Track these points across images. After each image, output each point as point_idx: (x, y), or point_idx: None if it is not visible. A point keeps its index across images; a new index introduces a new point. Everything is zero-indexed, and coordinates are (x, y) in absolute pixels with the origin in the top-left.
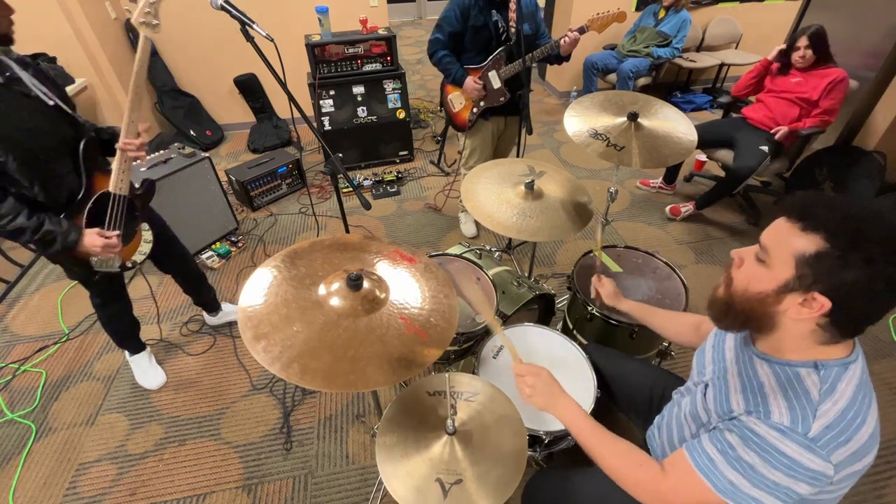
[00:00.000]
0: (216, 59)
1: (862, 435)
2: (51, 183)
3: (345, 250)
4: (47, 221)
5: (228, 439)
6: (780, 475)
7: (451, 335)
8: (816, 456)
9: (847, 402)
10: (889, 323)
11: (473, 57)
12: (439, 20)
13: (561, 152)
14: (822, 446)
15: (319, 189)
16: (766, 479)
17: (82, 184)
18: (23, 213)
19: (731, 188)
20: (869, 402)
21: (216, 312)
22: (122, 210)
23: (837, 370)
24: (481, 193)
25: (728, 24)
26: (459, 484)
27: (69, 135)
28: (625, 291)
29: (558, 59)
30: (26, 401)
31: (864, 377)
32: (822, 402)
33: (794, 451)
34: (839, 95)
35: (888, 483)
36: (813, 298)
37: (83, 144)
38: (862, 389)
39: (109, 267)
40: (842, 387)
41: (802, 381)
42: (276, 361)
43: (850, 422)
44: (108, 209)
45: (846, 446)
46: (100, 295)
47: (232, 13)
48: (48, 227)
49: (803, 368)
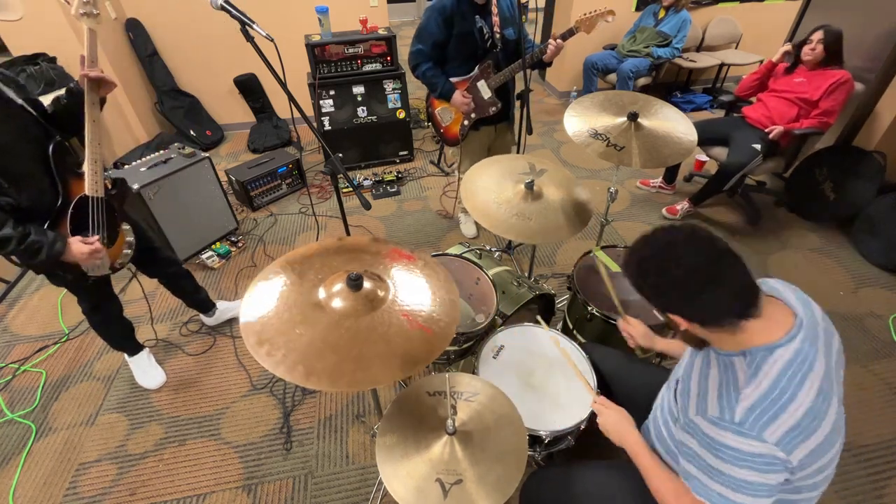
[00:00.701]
0: (216, 59)
1: (793, 410)
2: (28, 189)
3: (344, 251)
4: (33, 231)
5: (228, 439)
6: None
7: (454, 329)
8: (749, 438)
9: (770, 382)
10: (889, 323)
11: (459, 66)
12: (418, 30)
13: (561, 152)
14: (749, 427)
15: (319, 189)
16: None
17: (59, 190)
18: (8, 224)
19: (721, 184)
20: (801, 380)
21: (212, 312)
22: (103, 212)
23: (762, 354)
24: (481, 194)
25: (728, 24)
26: (459, 484)
27: (38, 136)
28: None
29: (542, 64)
30: (26, 401)
31: (797, 360)
32: (746, 386)
33: (731, 439)
34: (840, 97)
35: (888, 483)
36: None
37: (52, 148)
38: (791, 369)
39: (101, 270)
40: (766, 368)
41: (735, 368)
42: (280, 364)
43: (774, 400)
44: (88, 214)
45: (776, 423)
46: (88, 300)
47: (232, 13)
48: (34, 238)
49: (735, 357)
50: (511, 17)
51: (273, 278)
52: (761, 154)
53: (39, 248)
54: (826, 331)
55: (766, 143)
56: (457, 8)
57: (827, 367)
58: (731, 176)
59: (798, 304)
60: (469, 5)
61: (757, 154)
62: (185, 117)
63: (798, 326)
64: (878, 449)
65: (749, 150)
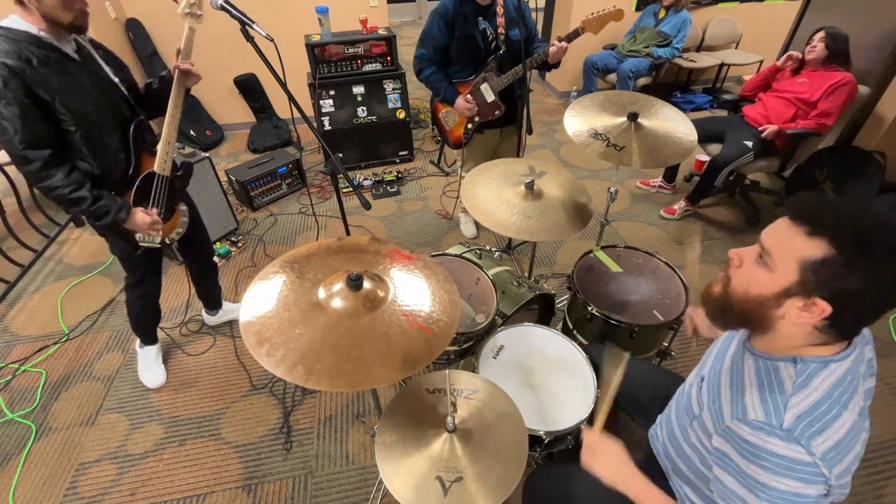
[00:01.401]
0: (216, 59)
1: (837, 427)
2: (105, 158)
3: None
4: (105, 196)
5: (228, 439)
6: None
7: (454, 330)
8: (798, 445)
9: (822, 395)
10: (889, 323)
11: (462, 69)
12: (422, 34)
13: (561, 152)
14: (798, 435)
15: (319, 189)
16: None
17: (131, 162)
18: (86, 185)
19: (711, 179)
20: (848, 399)
21: (216, 311)
22: (165, 190)
23: (815, 366)
24: (481, 193)
25: (728, 24)
26: (460, 482)
27: (124, 114)
28: (625, 291)
29: (548, 66)
30: (26, 401)
31: (847, 378)
32: (795, 393)
33: (779, 446)
34: (839, 99)
35: (888, 483)
36: (814, 304)
37: (133, 125)
38: (841, 387)
39: (151, 241)
40: (817, 382)
41: (779, 373)
42: (280, 364)
43: (823, 413)
44: (152, 189)
45: (822, 435)
46: (135, 272)
47: (232, 13)
48: (104, 202)
49: (781, 362)
50: (517, 17)
51: (273, 278)
52: (752, 152)
53: (107, 211)
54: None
55: (758, 142)
56: (459, 10)
57: (864, 387)
58: (720, 170)
59: None
60: (472, 7)
61: (747, 151)
62: (185, 117)
63: (854, 345)
64: (878, 449)
65: (741, 147)
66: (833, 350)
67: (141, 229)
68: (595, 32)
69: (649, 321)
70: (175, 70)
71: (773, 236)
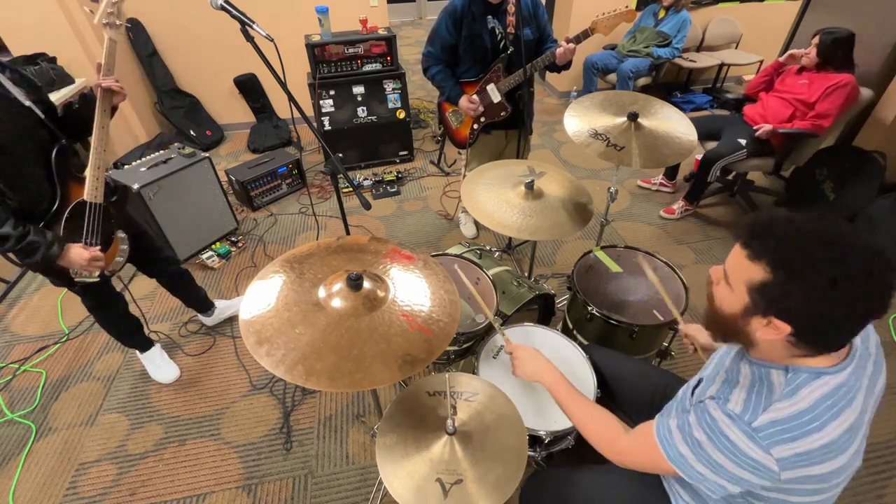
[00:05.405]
0: (216, 59)
1: (814, 440)
2: (25, 190)
3: (343, 251)
4: (32, 231)
5: (228, 439)
6: (722, 458)
7: (454, 330)
8: (756, 445)
9: (805, 406)
10: (889, 323)
11: (470, 68)
12: (431, 31)
13: (561, 152)
14: (763, 437)
15: (319, 189)
16: (710, 457)
17: (57, 192)
18: (8, 221)
19: (705, 174)
20: (836, 413)
21: (210, 312)
22: (98, 219)
23: (806, 377)
24: (482, 193)
25: (728, 24)
26: (460, 484)
27: (44, 139)
28: (625, 291)
29: (556, 68)
30: (26, 401)
31: (840, 391)
32: (780, 400)
33: (736, 436)
34: (837, 101)
35: (888, 483)
36: (771, 323)
37: (55, 151)
38: (829, 400)
39: (88, 277)
40: (805, 392)
41: (771, 380)
42: (280, 364)
43: (802, 423)
44: (84, 219)
45: (791, 444)
46: (91, 298)
47: (232, 13)
48: (32, 238)
49: (775, 369)
50: (529, 16)
51: (273, 278)
52: (745, 150)
53: (36, 248)
54: (876, 363)
55: (752, 140)
56: (468, 9)
57: (864, 403)
58: (711, 165)
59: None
60: (481, 5)
61: (740, 148)
62: (185, 117)
63: (851, 357)
64: (878, 449)
65: (734, 144)
66: (829, 361)
67: (80, 266)
68: (606, 33)
69: (649, 321)
70: (97, 87)
71: (729, 259)
